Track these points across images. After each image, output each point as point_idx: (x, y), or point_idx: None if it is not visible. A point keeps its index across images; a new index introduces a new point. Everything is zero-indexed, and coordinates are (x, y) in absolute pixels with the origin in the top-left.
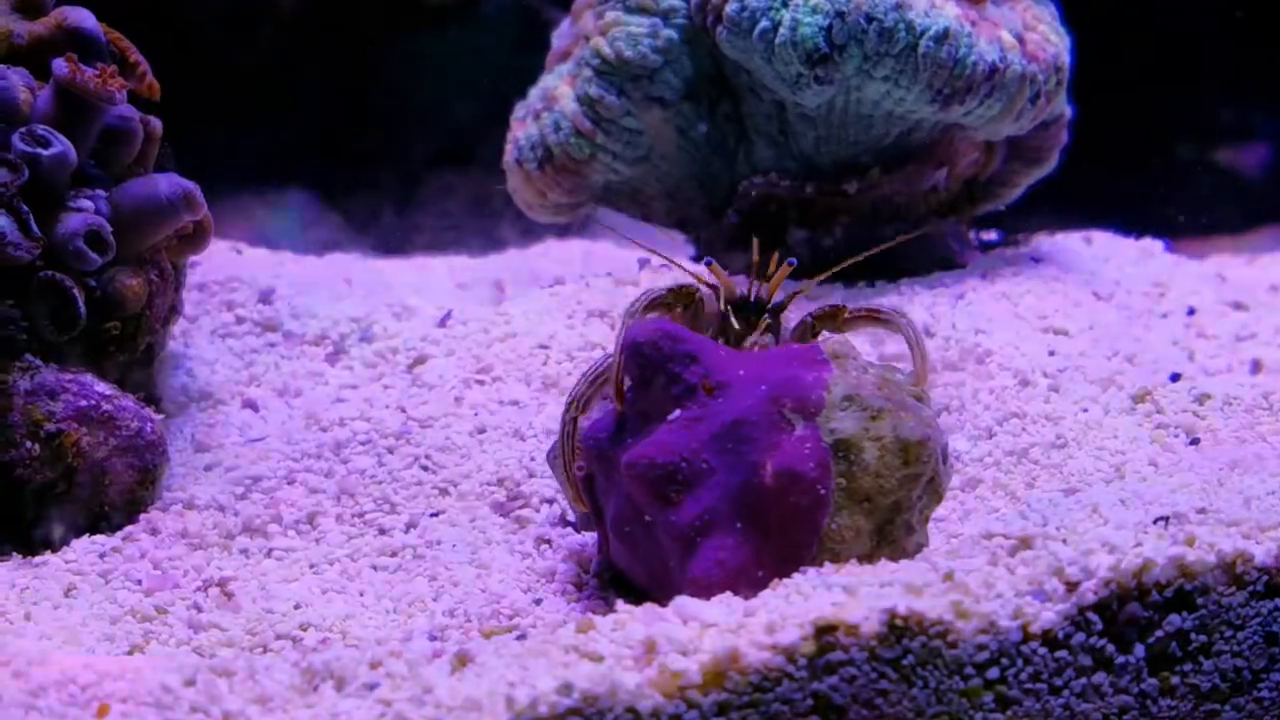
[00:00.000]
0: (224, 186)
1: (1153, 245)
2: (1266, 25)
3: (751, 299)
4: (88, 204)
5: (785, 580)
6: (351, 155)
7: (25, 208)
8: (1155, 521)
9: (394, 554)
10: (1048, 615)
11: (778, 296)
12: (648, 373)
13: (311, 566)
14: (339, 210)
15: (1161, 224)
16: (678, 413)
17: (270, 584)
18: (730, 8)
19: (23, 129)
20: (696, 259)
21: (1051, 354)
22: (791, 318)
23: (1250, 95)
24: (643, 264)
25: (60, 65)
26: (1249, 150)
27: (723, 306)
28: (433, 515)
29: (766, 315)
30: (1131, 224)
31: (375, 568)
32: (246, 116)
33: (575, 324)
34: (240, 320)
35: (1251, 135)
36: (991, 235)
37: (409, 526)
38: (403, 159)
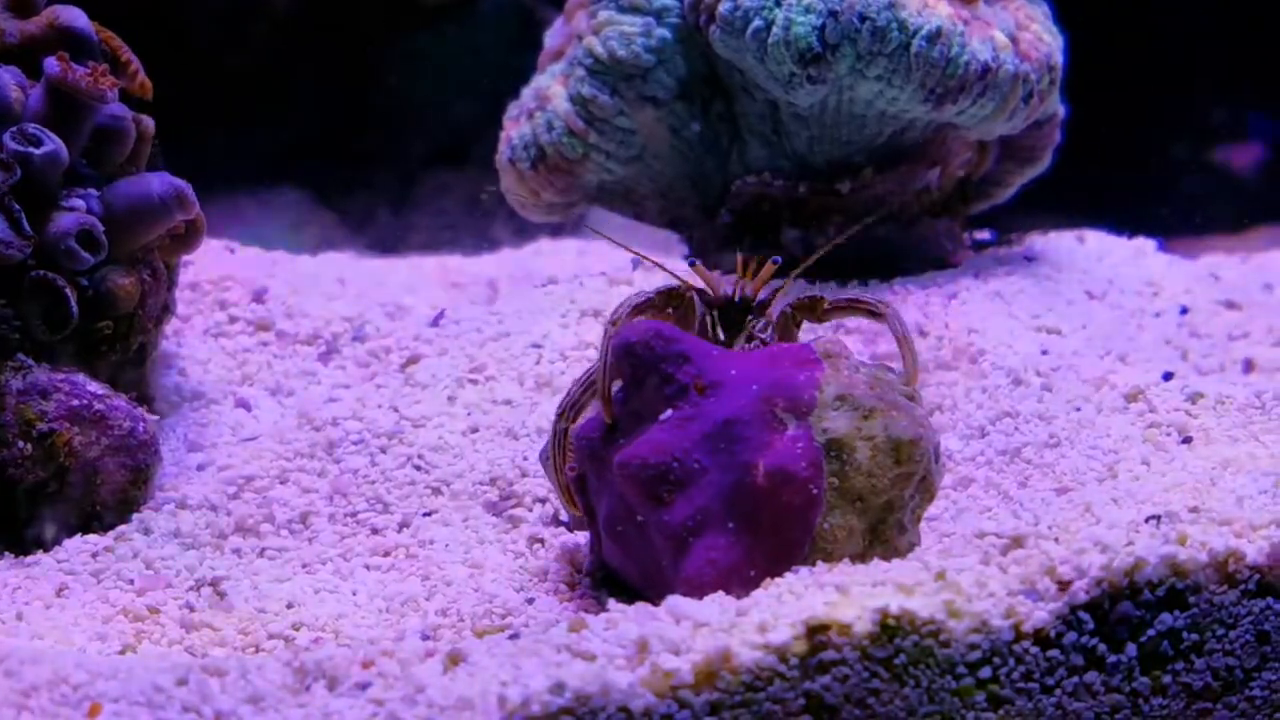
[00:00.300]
0: (218, 186)
1: (1146, 244)
2: (1260, 23)
3: (736, 299)
4: (79, 203)
5: (777, 580)
6: (347, 155)
7: (17, 206)
8: (1147, 520)
9: (387, 553)
10: (1040, 614)
11: (763, 294)
12: (640, 372)
13: (304, 566)
14: (334, 210)
15: (1155, 223)
16: (670, 412)
17: (263, 583)
18: (723, 7)
19: (14, 128)
20: (689, 259)
21: (1044, 353)
22: (776, 312)
23: (1244, 94)
24: (636, 263)
25: (52, 64)
26: (1243, 149)
27: (709, 308)
28: (425, 515)
29: (751, 315)
30: (1125, 223)
31: (368, 567)
32: (241, 116)
33: (569, 323)
34: (233, 319)
35: (1245, 134)
36: (985, 234)
37: (402, 526)
38: (398, 159)
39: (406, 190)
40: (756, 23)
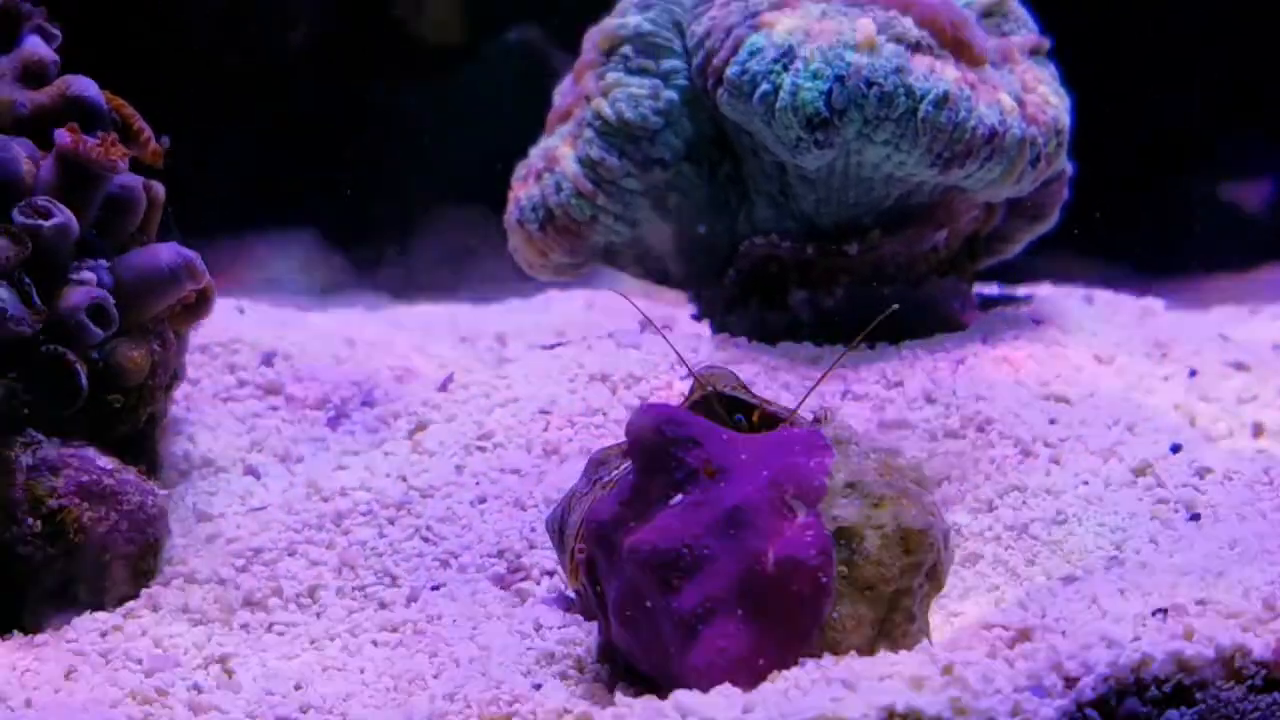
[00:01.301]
0: (227, 227)
1: (1154, 304)
2: (1270, 60)
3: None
4: (90, 275)
5: (785, 673)
6: (356, 196)
7: (28, 280)
8: (1154, 614)
9: (394, 629)
10: (1046, 712)
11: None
12: (650, 456)
13: (312, 642)
14: (343, 251)
15: (1163, 262)
16: (679, 497)
17: (271, 661)
18: (731, 71)
19: (24, 202)
20: (698, 318)
21: (1052, 422)
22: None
23: (1253, 131)
24: (644, 327)
25: (62, 135)
26: (1252, 186)
27: None
28: (434, 588)
29: None
30: (1134, 262)
31: (376, 643)
32: (251, 156)
33: (577, 388)
34: (242, 383)
35: (1255, 171)
36: (991, 288)
37: (410, 600)
38: (407, 199)
39: (414, 231)
40: (764, 87)
